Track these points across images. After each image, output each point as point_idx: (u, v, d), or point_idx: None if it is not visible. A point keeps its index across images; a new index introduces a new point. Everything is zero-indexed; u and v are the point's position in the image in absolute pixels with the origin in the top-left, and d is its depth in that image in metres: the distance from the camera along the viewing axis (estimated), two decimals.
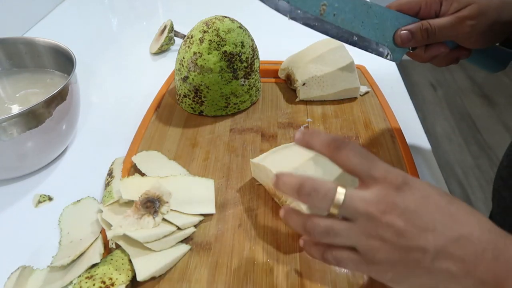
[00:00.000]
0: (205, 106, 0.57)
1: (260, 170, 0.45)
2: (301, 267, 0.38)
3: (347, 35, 0.45)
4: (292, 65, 0.62)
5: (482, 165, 1.71)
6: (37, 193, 0.48)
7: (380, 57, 0.47)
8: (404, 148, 0.51)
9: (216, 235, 0.41)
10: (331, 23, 0.45)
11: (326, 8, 0.44)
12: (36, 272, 0.38)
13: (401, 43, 0.45)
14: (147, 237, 0.37)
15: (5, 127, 0.42)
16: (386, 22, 0.45)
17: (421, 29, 0.44)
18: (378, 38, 0.46)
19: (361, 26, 0.45)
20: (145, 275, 0.35)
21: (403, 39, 0.45)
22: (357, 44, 0.46)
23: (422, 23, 0.44)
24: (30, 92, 0.54)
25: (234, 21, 0.56)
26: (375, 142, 0.53)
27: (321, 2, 0.44)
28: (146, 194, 0.40)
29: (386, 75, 0.69)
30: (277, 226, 0.42)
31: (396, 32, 0.45)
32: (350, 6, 0.45)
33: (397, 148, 0.51)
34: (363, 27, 0.45)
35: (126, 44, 0.84)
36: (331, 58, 0.60)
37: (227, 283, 0.37)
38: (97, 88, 0.69)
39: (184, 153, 0.51)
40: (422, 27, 0.44)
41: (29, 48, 0.55)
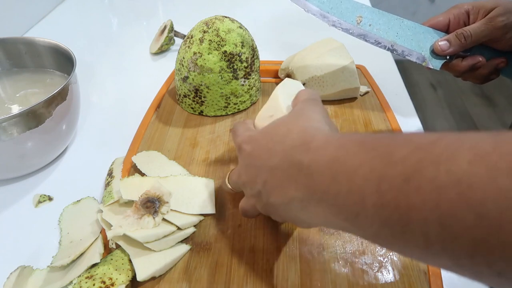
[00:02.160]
0: (205, 106, 0.57)
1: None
2: (301, 267, 0.38)
3: (385, 42, 0.49)
4: (292, 65, 0.62)
5: None
6: (37, 193, 0.48)
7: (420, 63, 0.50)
8: None
9: (216, 235, 0.41)
10: (368, 31, 0.49)
11: (362, 19, 0.49)
12: (36, 272, 0.38)
13: (440, 51, 0.48)
14: (147, 237, 0.37)
15: (5, 127, 0.42)
16: (420, 35, 0.49)
17: (457, 35, 0.47)
18: (413, 47, 0.49)
19: (396, 36, 0.49)
20: (145, 275, 0.35)
21: (442, 47, 0.48)
22: (396, 51, 0.50)
23: (457, 31, 0.47)
24: (30, 92, 0.54)
25: (234, 21, 0.56)
26: None
27: (356, 14, 0.49)
28: (146, 194, 0.40)
29: (386, 75, 0.69)
30: (277, 226, 0.42)
31: (435, 44, 0.49)
32: (384, 19, 0.49)
33: None
34: (398, 37, 0.49)
35: (126, 44, 0.84)
36: (331, 58, 0.60)
37: (227, 283, 0.37)
38: (97, 88, 0.69)
39: (184, 153, 0.51)
40: (457, 33, 0.47)
41: (29, 48, 0.55)
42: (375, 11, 0.49)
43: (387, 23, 0.49)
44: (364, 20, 0.49)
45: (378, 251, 0.39)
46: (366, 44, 0.45)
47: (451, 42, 0.48)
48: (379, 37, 0.49)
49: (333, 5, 0.49)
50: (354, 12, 0.49)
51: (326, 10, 0.49)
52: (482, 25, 0.46)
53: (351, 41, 0.69)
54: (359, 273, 0.37)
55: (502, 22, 0.46)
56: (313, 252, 0.39)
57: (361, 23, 0.49)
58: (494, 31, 0.46)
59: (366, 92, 0.62)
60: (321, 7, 0.49)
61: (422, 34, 0.49)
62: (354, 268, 0.38)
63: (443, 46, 0.48)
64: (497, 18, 0.46)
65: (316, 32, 0.85)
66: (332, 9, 0.49)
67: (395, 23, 0.49)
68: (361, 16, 0.49)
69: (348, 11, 0.49)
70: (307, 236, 0.41)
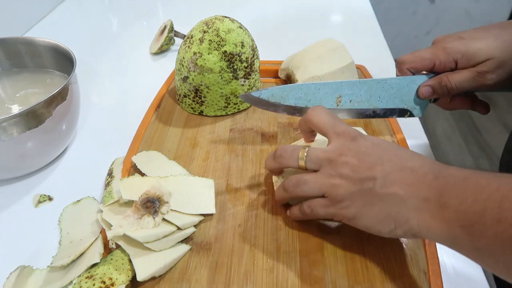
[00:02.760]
0: (205, 106, 0.57)
1: None
2: (301, 267, 0.38)
3: (367, 111, 0.49)
4: (292, 65, 0.62)
5: (482, 165, 1.71)
6: (37, 193, 0.48)
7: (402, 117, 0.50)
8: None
9: (216, 235, 0.41)
10: (349, 107, 0.48)
11: (342, 98, 0.47)
12: (36, 272, 0.38)
13: (423, 97, 0.47)
14: (147, 237, 0.37)
15: (5, 127, 0.42)
16: (403, 89, 0.48)
17: (440, 84, 0.45)
18: (396, 104, 0.49)
19: (379, 100, 0.48)
20: (145, 275, 0.35)
21: (425, 94, 0.47)
22: (378, 114, 0.49)
23: (442, 79, 0.45)
24: (30, 92, 0.54)
25: (234, 21, 0.56)
26: None
27: (336, 95, 0.47)
28: (146, 194, 0.40)
29: (386, 75, 0.69)
30: (277, 226, 0.42)
31: (419, 88, 0.47)
32: (365, 88, 0.48)
33: None
34: (380, 100, 0.48)
35: (126, 44, 0.84)
36: (331, 58, 0.60)
37: (227, 283, 0.37)
38: (97, 88, 0.69)
39: (184, 153, 0.51)
40: (441, 83, 0.45)
41: (29, 48, 0.55)
42: (356, 83, 0.47)
43: (368, 91, 0.48)
44: (344, 98, 0.47)
45: (378, 251, 0.39)
46: (366, 44, 0.46)
47: (434, 89, 0.46)
48: (360, 109, 0.48)
49: (311, 96, 0.47)
50: (333, 94, 0.47)
51: (304, 104, 0.47)
52: (470, 78, 0.43)
53: (351, 41, 0.70)
54: (359, 273, 0.37)
55: (491, 80, 0.43)
56: (313, 252, 0.39)
57: (341, 103, 0.48)
58: (482, 87, 0.43)
59: None
60: (298, 103, 0.47)
61: (406, 87, 0.48)
62: (354, 268, 0.38)
63: (425, 93, 0.46)
64: (487, 75, 0.42)
65: (316, 32, 0.85)
66: (310, 101, 0.47)
67: (377, 87, 0.48)
68: (340, 95, 0.47)
69: (327, 95, 0.47)
70: (307, 236, 0.41)
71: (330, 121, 0.38)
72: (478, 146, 1.81)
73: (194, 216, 0.42)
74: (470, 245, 0.29)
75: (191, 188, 0.44)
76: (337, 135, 0.37)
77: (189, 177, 0.46)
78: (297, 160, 0.38)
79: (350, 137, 0.37)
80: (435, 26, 2.21)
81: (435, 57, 0.44)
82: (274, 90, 0.46)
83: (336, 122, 0.38)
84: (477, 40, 0.43)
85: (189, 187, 0.44)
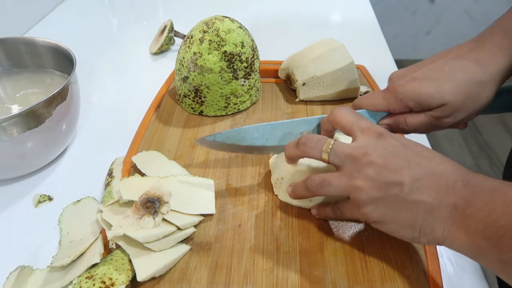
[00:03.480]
0: (205, 106, 0.57)
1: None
2: (301, 267, 0.38)
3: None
4: (292, 65, 0.62)
5: (482, 165, 1.71)
6: (37, 193, 0.48)
7: None
8: None
9: (216, 235, 0.41)
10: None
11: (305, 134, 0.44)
12: (36, 272, 0.38)
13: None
14: (147, 237, 0.37)
15: (5, 127, 0.42)
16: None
17: (398, 126, 0.43)
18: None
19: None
20: (145, 275, 0.35)
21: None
22: None
23: (399, 121, 0.43)
24: (30, 92, 0.54)
25: (234, 21, 0.56)
26: None
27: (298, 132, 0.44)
28: (146, 194, 0.40)
29: (386, 75, 0.69)
30: (277, 226, 0.42)
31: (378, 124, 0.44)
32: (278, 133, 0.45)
33: None
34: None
35: (126, 44, 0.84)
36: (331, 58, 0.59)
37: (227, 283, 0.37)
38: (97, 88, 0.69)
39: (184, 153, 0.51)
40: (399, 125, 0.43)
41: (29, 48, 0.55)
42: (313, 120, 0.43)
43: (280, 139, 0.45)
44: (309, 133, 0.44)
45: (378, 251, 0.39)
46: (366, 44, 0.46)
47: (392, 129, 0.43)
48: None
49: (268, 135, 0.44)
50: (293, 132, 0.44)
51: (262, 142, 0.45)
52: (426, 123, 0.42)
53: (351, 41, 0.69)
54: (359, 273, 0.37)
55: (447, 124, 0.42)
56: (313, 252, 0.39)
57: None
58: (440, 128, 0.43)
59: (366, 92, 0.62)
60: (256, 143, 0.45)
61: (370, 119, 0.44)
62: (354, 268, 0.38)
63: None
64: (443, 120, 0.41)
65: (316, 32, 0.85)
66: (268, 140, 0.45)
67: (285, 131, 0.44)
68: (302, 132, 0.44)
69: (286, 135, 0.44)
70: (307, 236, 0.41)
71: (354, 118, 0.37)
72: (478, 146, 1.81)
73: (194, 216, 0.42)
74: (495, 258, 0.29)
75: (191, 188, 0.44)
76: (362, 131, 0.36)
77: (189, 177, 0.46)
78: (320, 152, 0.36)
79: (376, 134, 0.35)
80: (435, 26, 2.21)
81: (389, 104, 0.42)
82: (228, 133, 0.44)
83: (361, 118, 0.37)
84: (429, 83, 0.40)
85: (189, 187, 0.44)
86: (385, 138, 0.35)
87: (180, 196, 0.43)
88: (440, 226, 0.31)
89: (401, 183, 0.32)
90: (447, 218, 0.31)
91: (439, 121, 0.41)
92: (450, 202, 0.31)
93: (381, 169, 0.33)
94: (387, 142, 0.34)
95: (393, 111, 0.43)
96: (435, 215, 0.31)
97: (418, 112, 0.42)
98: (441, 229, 0.31)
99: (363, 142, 0.35)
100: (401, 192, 0.32)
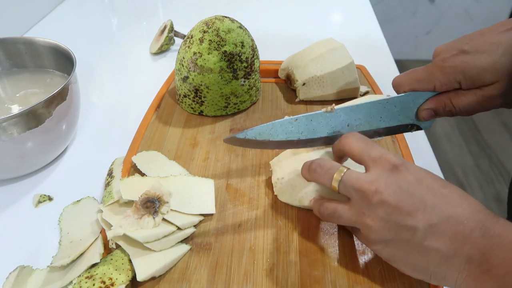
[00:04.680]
0: (205, 106, 0.57)
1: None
2: (301, 267, 0.38)
3: (368, 133, 0.42)
4: (292, 65, 0.62)
5: (482, 165, 1.71)
6: (37, 193, 0.48)
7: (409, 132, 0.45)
8: (404, 148, 0.51)
9: (216, 235, 0.41)
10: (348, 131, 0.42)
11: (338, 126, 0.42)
12: (36, 272, 0.38)
13: (425, 120, 0.42)
14: (147, 237, 0.37)
15: (5, 127, 0.42)
16: (409, 105, 0.42)
17: (444, 109, 0.39)
18: (401, 121, 0.43)
19: (380, 120, 0.43)
20: (145, 275, 0.35)
21: (426, 116, 0.41)
22: (379, 134, 0.43)
23: (445, 103, 0.39)
24: (30, 92, 0.54)
25: (234, 21, 0.56)
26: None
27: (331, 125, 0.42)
28: (146, 194, 0.40)
29: (386, 75, 0.69)
30: (277, 226, 0.42)
31: (419, 111, 0.41)
32: (364, 112, 0.42)
33: (397, 148, 0.51)
34: (383, 120, 0.43)
35: (126, 44, 0.84)
36: (331, 58, 0.59)
37: (227, 283, 0.37)
38: (97, 88, 0.69)
39: (184, 153, 0.51)
40: (445, 107, 0.39)
41: (29, 48, 0.55)
42: (353, 109, 0.42)
43: (368, 114, 0.42)
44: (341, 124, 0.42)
45: None
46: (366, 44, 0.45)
47: (437, 113, 0.40)
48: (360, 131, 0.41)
49: (303, 128, 0.42)
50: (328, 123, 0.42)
51: (297, 136, 0.42)
52: (476, 103, 0.38)
53: (351, 41, 0.69)
54: (359, 273, 0.37)
55: (501, 104, 0.37)
56: (313, 252, 0.39)
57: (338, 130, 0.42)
58: (490, 109, 0.39)
59: (366, 92, 0.62)
60: (289, 137, 0.41)
61: (411, 103, 0.42)
62: (354, 268, 0.38)
63: (427, 116, 0.41)
64: (495, 100, 0.37)
65: (316, 32, 0.85)
66: (302, 133, 0.42)
67: (377, 108, 0.42)
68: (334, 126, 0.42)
69: (321, 125, 0.42)
70: (307, 236, 0.41)
71: (364, 147, 0.34)
72: (478, 146, 1.81)
73: (194, 216, 0.42)
74: None
75: (191, 188, 0.44)
76: (374, 162, 0.33)
77: (189, 177, 0.46)
78: (330, 181, 0.34)
79: (390, 166, 0.32)
80: (435, 26, 2.21)
81: (434, 79, 0.38)
82: (260, 129, 0.41)
83: (371, 147, 0.34)
84: (481, 56, 0.35)
85: (189, 187, 0.44)
86: (399, 171, 0.32)
87: (180, 196, 0.43)
88: (453, 275, 0.30)
89: (415, 227, 0.30)
90: (462, 269, 0.29)
91: (490, 102, 0.37)
92: (466, 252, 0.29)
93: (393, 210, 0.30)
94: (401, 177, 0.31)
95: (439, 88, 0.38)
96: (449, 263, 0.30)
97: (466, 90, 0.37)
98: (454, 278, 0.30)
99: (375, 176, 0.32)
100: (414, 237, 0.30)
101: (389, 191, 0.31)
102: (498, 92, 0.36)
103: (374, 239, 0.32)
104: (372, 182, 0.31)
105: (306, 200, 0.42)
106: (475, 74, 0.36)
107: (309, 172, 0.37)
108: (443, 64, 0.37)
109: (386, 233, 0.31)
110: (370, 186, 0.31)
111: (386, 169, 0.32)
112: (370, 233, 0.32)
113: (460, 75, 0.36)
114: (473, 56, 0.36)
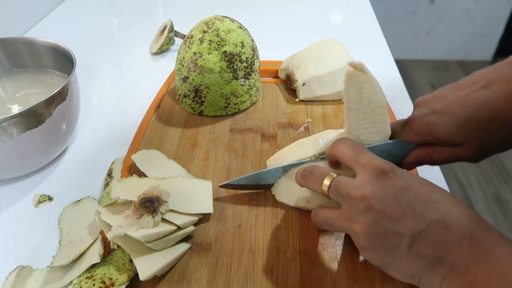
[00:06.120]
0: (205, 106, 0.57)
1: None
2: (301, 267, 0.38)
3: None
4: (292, 65, 0.62)
5: (482, 165, 1.71)
6: (37, 193, 0.48)
7: None
8: None
9: (216, 235, 0.41)
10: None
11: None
12: (36, 272, 0.38)
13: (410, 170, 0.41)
14: (147, 237, 0.37)
15: (5, 127, 0.42)
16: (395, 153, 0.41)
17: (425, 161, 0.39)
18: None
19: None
20: (147, 274, 0.35)
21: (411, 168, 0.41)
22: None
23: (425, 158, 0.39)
24: (30, 92, 0.54)
25: (234, 21, 0.56)
26: None
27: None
28: (144, 194, 0.40)
29: (386, 75, 0.69)
30: (277, 226, 0.42)
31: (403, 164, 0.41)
32: None
33: None
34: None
35: (126, 44, 0.84)
36: (331, 58, 0.60)
37: (227, 283, 0.37)
38: (97, 88, 0.69)
39: (184, 153, 0.51)
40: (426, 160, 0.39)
41: (29, 48, 0.55)
42: None
43: None
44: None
45: None
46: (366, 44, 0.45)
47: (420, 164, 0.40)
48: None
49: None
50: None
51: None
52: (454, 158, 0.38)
53: (351, 41, 0.69)
54: (359, 273, 0.37)
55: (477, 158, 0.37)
56: (313, 252, 0.39)
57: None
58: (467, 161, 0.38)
59: None
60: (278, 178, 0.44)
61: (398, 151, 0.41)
62: (354, 268, 0.38)
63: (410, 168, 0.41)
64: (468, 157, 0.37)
65: (316, 32, 0.85)
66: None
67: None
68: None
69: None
70: (307, 236, 0.41)
71: (353, 153, 0.34)
72: None
73: (192, 216, 0.42)
74: None
75: (189, 189, 0.44)
76: (362, 168, 0.33)
77: (186, 178, 0.46)
78: (320, 186, 0.35)
79: (378, 172, 0.31)
80: (435, 26, 2.21)
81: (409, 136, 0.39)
82: (251, 176, 0.44)
83: (361, 152, 0.34)
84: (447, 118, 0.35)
85: (187, 188, 0.44)
86: (387, 177, 0.31)
87: (178, 196, 0.43)
88: (437, 283, 0.30)
89: (402, 234, 0.30)
90: (445, 277, 0.29)
91: (464, 157, 0.37)
92: (452, 261, 0.29)
93: (380, 216, 0.30)
94: (389, 183, 0.31)
95: (414, 143, 0.39)
96: (435, 271, 0.30)
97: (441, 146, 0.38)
98: (437, 286, 0.30)
99: (362, 181, 0.32)
100: (401, 244, 0.30)
101: (376, 197, 0.30)
102: (470, 152, 0.36)
103: (363, 246, 0.32)
104: (358, 188, 0.31)
105: (302, 201, 0.42)
106: (442, 136, 0.36)
107: (302, 178, 0.38)
108: (413, 124, 0.38)
109: (374, 240, 0.31)
110: (357, 192, 0.31)
111: (374, 175, 0.31)
112: (358, 240, 0.32)
113: (429, 136, 0.37)
114: (441, 118, 0.36)
